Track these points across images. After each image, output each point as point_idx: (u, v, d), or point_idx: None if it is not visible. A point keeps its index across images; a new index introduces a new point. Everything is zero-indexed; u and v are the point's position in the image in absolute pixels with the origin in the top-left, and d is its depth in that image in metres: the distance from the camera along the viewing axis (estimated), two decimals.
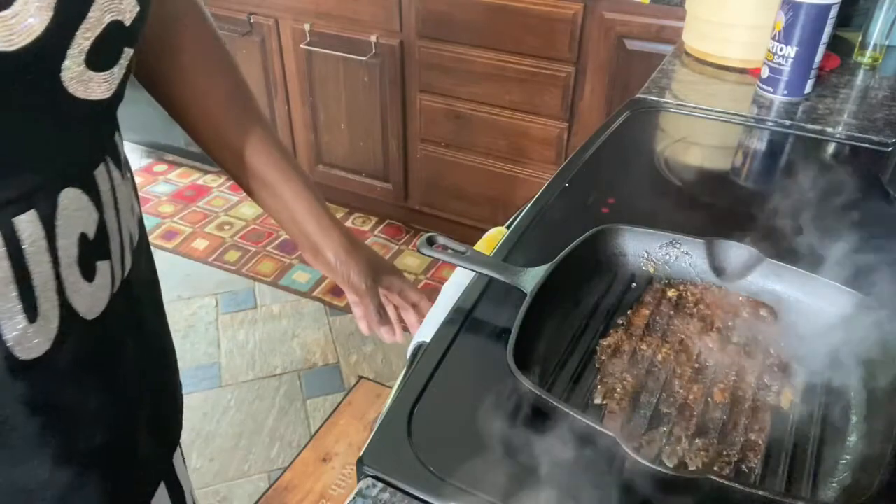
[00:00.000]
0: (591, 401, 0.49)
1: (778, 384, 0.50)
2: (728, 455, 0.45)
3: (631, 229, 0.62)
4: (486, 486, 0.43)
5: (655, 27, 1.59)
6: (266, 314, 1.99)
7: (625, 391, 0.49)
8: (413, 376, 0.51)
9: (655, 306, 0.57)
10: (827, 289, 0.55)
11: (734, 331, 0.55)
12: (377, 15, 1.90)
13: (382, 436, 0.47)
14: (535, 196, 0.75)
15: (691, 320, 0.56)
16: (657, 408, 0.48)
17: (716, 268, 0.60)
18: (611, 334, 0.55)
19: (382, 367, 1.82)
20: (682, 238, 0.61)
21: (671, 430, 0.46)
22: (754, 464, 0.45)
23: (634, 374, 0.51)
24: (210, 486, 1.51)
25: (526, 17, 1.71)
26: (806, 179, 0.79)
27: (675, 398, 0.49)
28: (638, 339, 0.54)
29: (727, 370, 0.51)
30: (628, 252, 0.62)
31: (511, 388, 0.48)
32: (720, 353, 0.53)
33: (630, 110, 0.97)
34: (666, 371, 0.51)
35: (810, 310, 0.55)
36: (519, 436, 0.47)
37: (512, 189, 2.01)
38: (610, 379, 0.50)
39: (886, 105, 1.02)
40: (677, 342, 0.54)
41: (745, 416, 0.48)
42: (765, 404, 0.49)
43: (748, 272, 0.59)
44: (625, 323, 0.56)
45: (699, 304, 0.58)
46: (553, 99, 1.80)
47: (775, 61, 1.00)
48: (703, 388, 0.50)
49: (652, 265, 0.62)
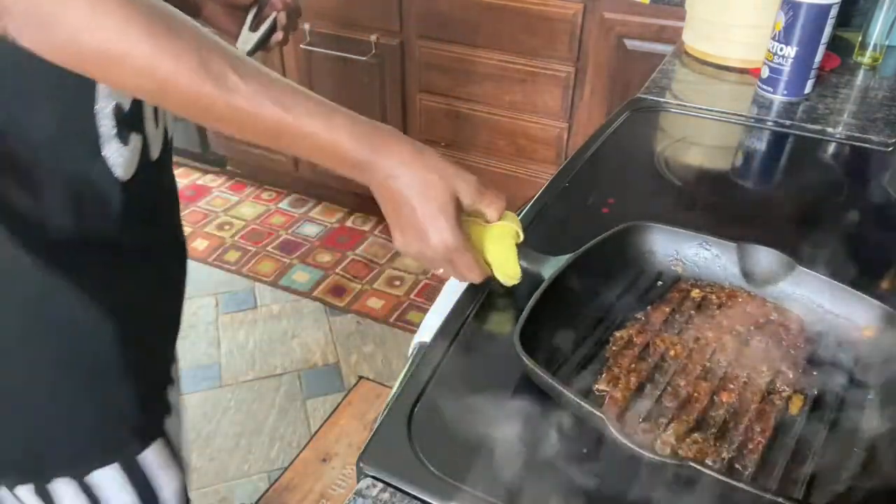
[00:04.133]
0: (593, 387, 0.49)
1: (789, 390, 0.50)
2: (722, 450, 0.45)
3: (662, 228, 0.62)
4: (486, 486, 0.43)
5: (655, 27, 1.58)
6: (266, 314, 1.99)
7: (629, 381, 0.49)
8: (413, 376, 0.51)
9: (677, 305, 0.57)
10: (856, 301, 0.54)
11: (754, 335, 0.55)
12: (377, 15, 1.90)
13: (382, 436, 0.47)
14: (534, 196, 0.75)
15: (711, 321, 0.56)
16: (659, 400, 0.48)
17: (745, 272, 0.59)
18: (626, 327, 0.54)
19: (382, 367, 1.82)
20: (712, 240, 0.61)
21: (669, 422, 0.46)
22: (749, 462, 0.45)
23: (642, 366, 0.51)
24: (210, 486, 1.51)
25: (526, 17, 1.71)
26: (806, 179, 0.79)
27: (680, 393, 0.49)
28: (653, 334, 0.54)
29: (739, 373, 0.51)
30: (657, 250, 0.62)
31: (512, 390, 0.48)
32: (735, 355, 0.53)
33: (630, 110, 0.97)
34: (675, 367, 0.51)
35: (837, 321, 0.55)
36: (519, 435, 0.47)
37: (512, 189, 2.01)
38: (616, 368, 0.50)
39: (886, 105, 1.02)
40: (692, 340, 0.54)
41: (748, 418, 0.48)
42: (772, 407, 0.49)
43: (778, 279, 0.58)
44: (643, 318, 0.56)
45: (723, 307, 0.57)
46: (553, 99, 1.80)
47: (775, 61, 1.00)
48: (710, 387, 0.50)
49: (680, 265, 0.61)
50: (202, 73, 0.45)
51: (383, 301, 2.04)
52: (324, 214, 2.39)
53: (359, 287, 2.09)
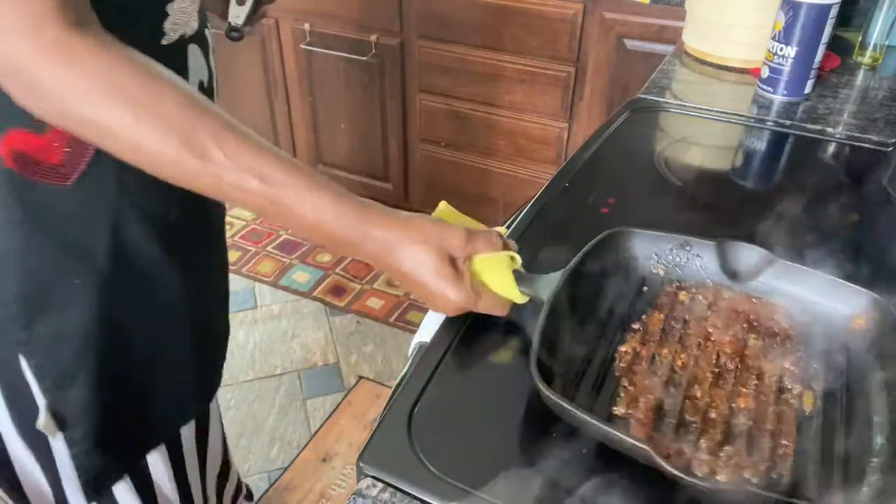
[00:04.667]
0: (614, 410, 0.48)
1: (799, 387, 0.50)
2: (758, 461, 0.44)
3: (640, 232, 0.61)
4: (487, 486, 0.43)
5: (655, 27, 1.58)
6: (266, 314, 1.99)
7: (647, 401, 0.48)
8: (413, 376, 0.51)
9: (669, 310, 0.57)
10: (840, 289, 0.54)
11: (749, 333, 0.55)
12: (377, 15, 1.90)
13: (382, 436, 0.47)
14: (535, 196, 0.75)
15: (706, 323, 0.55)
16: (682, 416, 0.48)
17: (727, 270, 0.59)
18: (628, 340, 0.54)
19: (382, 367, 1.82)
20: (692, 240, 0.60)
21: (698, 439, 0.46)
22: (783, 469, 0.44)
23: (655, 381, 0.50)
24: None
25: (526, 17, 1.71)
26: (806, 179, 0.79)
27: (699, 405, 0.48)
28: (656, 344, 0.53)
29: (747, 374, 0.51)
30: (638, 255, 0.61)
31: (512, 390, 0.48)
32: (739, 356, 0.53)
33: (630, 110, 0.97)
34: (687, 377, 0.51)
35: (824, 310, 0.55)
36: (519, 435, 0.47)
37: (512, 189, 2.01)
38: (631, 388, 0.50)
39: (886, 105, 1.02)
40: (695, 346, 0.53)
41: (769, 422, 0.47)
42: (789, 408, 0.48)
43: (760, 273, 0.58)
44: (641, 328, 0.55)
45: (712, 307, 0.57)
46: (553, 99, 1.79)
47: (775, 61, 1.00)
48: (726, 394, 0.49)
49: (662, 268, 0.61)
50: (187, 149, 0.46)
51: (383, 301, 2.04)
52: None
53: (359, 287, 2.09)
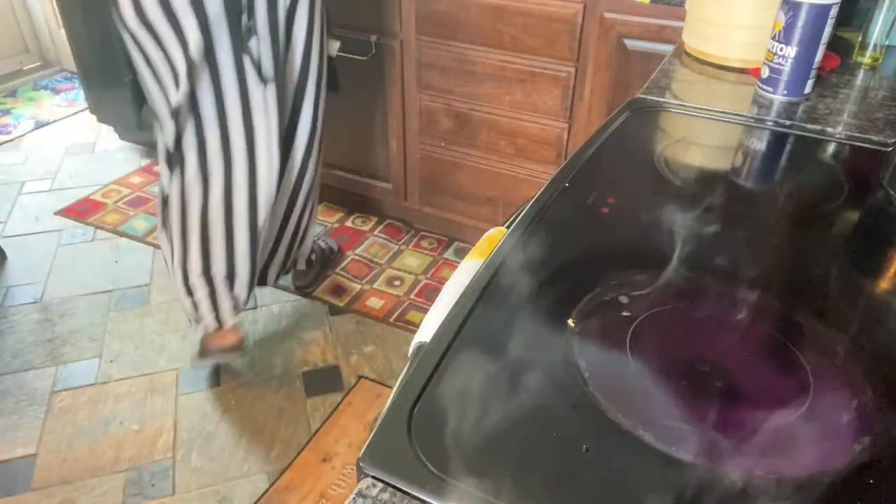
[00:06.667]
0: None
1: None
2: None
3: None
4: (487, 486, 0.43)
5: (655, 27, 1.59)
6: (266, 314, 1.99)
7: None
8: (413, 376, 0.51)
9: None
10: None
11: None
12: (377, 15, 1.90)
13: (382, 436, 0.47)
14: (535, 196, 0.75)
15: None
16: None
17: None
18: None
19: (382, 367, 1.82)
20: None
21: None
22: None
23: None
24: (210, 486, 1.51)
25: (526, 17, 1.71)
26: (806, 179, 0.79)
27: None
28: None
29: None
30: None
31: (512, 390, 0.48)
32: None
33: (630, 110, 0.97)
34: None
35: None
36: (519, 434, 0.47)
37: (512, 189, 2.01)
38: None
39: (886, 105, 1.02)
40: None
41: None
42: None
43: None
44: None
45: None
46: (553, 99, 1.80)
47: (775, 61, 1.00)
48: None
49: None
50: None
51: (383, 301, 2.04)
52: (324, 214, 2.39)
53: (359, 287, 2.09)
